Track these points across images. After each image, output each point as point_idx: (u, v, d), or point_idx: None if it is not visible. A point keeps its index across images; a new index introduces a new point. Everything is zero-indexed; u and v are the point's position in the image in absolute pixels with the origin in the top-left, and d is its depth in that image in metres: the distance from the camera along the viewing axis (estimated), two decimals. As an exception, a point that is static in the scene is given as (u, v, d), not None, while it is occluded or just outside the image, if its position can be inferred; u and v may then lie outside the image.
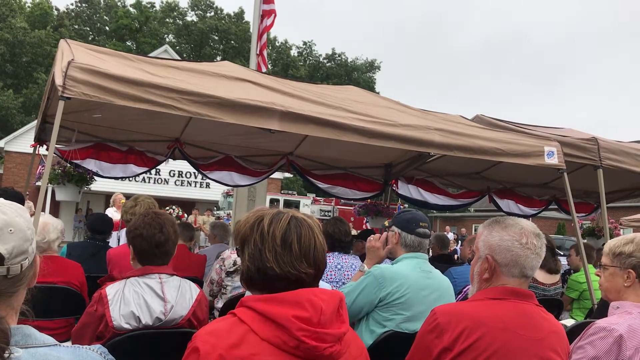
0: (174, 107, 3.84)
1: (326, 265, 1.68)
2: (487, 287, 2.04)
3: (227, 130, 5.65)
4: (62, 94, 3.57)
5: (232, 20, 56.81)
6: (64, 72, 3.61)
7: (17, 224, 1.23)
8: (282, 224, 1.60)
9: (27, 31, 43.16)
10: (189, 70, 4.68)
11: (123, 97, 3.72)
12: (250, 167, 6.78)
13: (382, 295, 2.82)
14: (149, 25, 53.14)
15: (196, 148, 6.48)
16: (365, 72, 61.65)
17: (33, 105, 40.96)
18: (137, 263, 2.52)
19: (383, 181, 7.32)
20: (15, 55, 42.40)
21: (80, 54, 4.06)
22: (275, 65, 57.12)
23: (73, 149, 5.76)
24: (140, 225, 2.51)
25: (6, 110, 38.50)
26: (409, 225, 3.06)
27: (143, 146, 6.28)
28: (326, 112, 4.40)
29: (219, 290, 3.91)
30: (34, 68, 43.48)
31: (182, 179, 28.17)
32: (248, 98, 4.12)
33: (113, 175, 6.14)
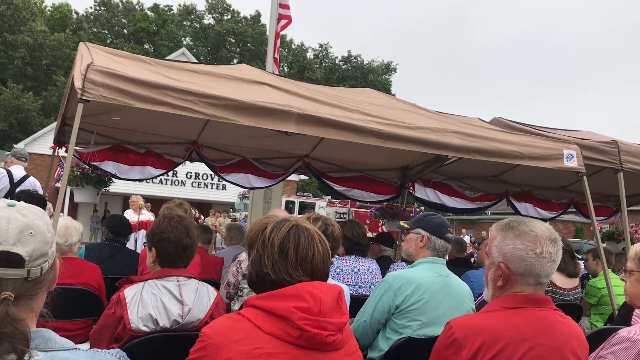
0: (191, 109, 3.86)
1: (327, 274, 1.70)
2: (501, 294, 1.98)
3: (244, 132, 5.66)
4: (82, 97, 3.60)
5: (248, 23, 57.05)
6: (83, 75, 3.65)
7: (37, 226, 1.24)
8: (282, 232, 1.66)
9: (47, 34, 43.69)
10: (207, 73, 4.70)
11: (141, 100, 3.75)
12: (267, 169, 6.79)
13: (398, 302, 2.80)
14: (167, 28, 53.56)
15: (213, 150, 6.51)
16: (382, 74, 61.55)
17: (52, 107, 41.44)
18: (157, 266, 2.52)
19: (399, 184, 7.29)
20: (35, 58, 42.94)
21: (99, 57, 4.10)
22: (291, 68, 57.28)
23: (92, 151, 5.81)
24: (167, 229, 2.52)
25: (26, 113, 39.00)
26: (440, 229, 3.04)
27: (161, 148, 6.32)
28: (343, 114, 4.39)
29: (236, 292, 3.90)
30: (53, 71, 43.98)
31: (198, 180, 28.33)
32: (265, 101, 4.12)
33: (131, 177, 6.18)
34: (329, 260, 1.70)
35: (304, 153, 6.71)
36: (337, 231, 3.12)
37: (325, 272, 1.68)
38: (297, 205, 26.23)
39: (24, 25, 42.85)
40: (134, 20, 53.03)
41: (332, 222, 3.14)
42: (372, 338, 2.89)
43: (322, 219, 3.14)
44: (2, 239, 1.19)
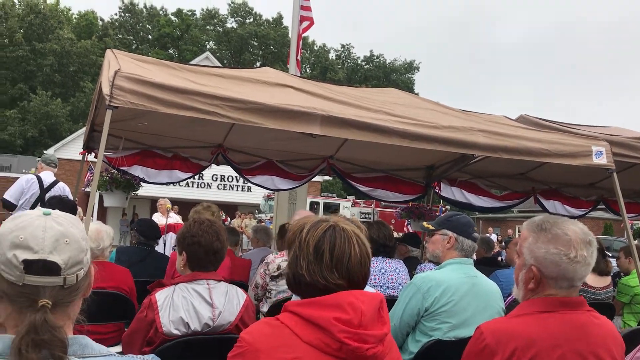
0: (217, 114, 3.90)
1: (365, 278, 1.65)
2: (533, 297, 1.93)
3: (269, 135, 5.70)
4: (110, 103, 3.67)
5: (270, 25, 57.32)
6: (110, 81, 3.71)
7: (72, 234, 1.27)
8: (318, 233, 1.63)
9: (74, 42, 44.49)
10: (231, 77, 4.74)
11: (168, 105, 3.80)
12: (292, 171, 6.82)
13: (427, 304, 2.78)
14: (190, 32, 54.11)
15: (239, 153, 6.56)
16: (404, 73, 61.28)
17: (80, 113, 42.18)
18: (187, 269, 2.56)
19: (425, 183, 7.25)
20: (63, 65, 43.76)
21: (126, 63, 4.16)
22: (313, 69, 57.37)
23: (120, 156, 5.90)
24: (198, 233, 2.55)
25: (55, 119, 39.76)
26: (467, 229, 3.02)
27: (187, 152, 6.39)
28: (367, 115, 4.39)
29: (264, 294, 3.94)
30: (80, 77, 44.78)
31: (224, 182, 28.56)
32: (289, 103, 4.14)
33: (159, 181, 6.26)
34: (368, 263, 1.64)
35: (329, 154, 6.72)
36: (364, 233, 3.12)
37: (363, 275, 1.62)
38: (322, 206, 26.25)
39: (52, 34, 43.70)
40: (158, 26, 53.69)
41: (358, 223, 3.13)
42: (402, 341, 2.88)
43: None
44: (39, 248, 1.21)
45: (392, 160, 6.85)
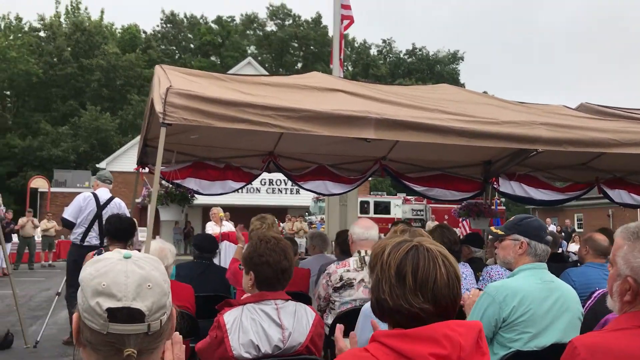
0: (270, 124, 3.85)
1: (455, 302, 1.52)
2: (630, 310, 1.76)
3: (320, 140, 5.61)
4: (163, 121, 3.66)
5: (310, 26, 57.42)
6: (163, 99, 3.70)
7: (154, 278, 1.21)
8: (399, 255, 1.51)
9: (119, 56, 45.60)
10: (280, 85, 4.69)
11: (221, 119, 3.77)
12: (344, 174, 6.73)
13: (505, 315, 2.63)
14: (231, 39, 54.73)
15: (290, 160, 6.52)
16: (448, 64, 60.34)
17: (129, 125, 43.21)
18: (254, 289, 2.49)
19: (482, 179, 7.03)
20: (110, 79, 44.90)
21: (176, 78, 4.15)
22: (355, 66, 57.16)
23: (173, 169, 5.94)
24: (266, 252, 2.47)
25: (105, 132, 40.80)
26: (540, 233, 2.86)
27: (239, 162, 6.39)
28: (422, 115, 4.26)
29: (327, 305, 3.85)
30: (127, 90, 45.85)
31: (273, 186, 28.73)
32: (342, 109, 4.05)
33: (212, 192, 6.27)
34: (457, 285, 1.51)
35: (381, 155, 6.59)
36: None
37: (452, 299, 1.49)
38: (372, 205, 26.04)
39: (98, 49, 44.91)
40: (199, 35, 54.51)
41: (422, 232, 3.00)
42: None
43: (409, 230, 3.01)
44: (122, 294, 1.16)
45: (447, 158, 6.67)
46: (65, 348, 6.46)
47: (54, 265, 19.95)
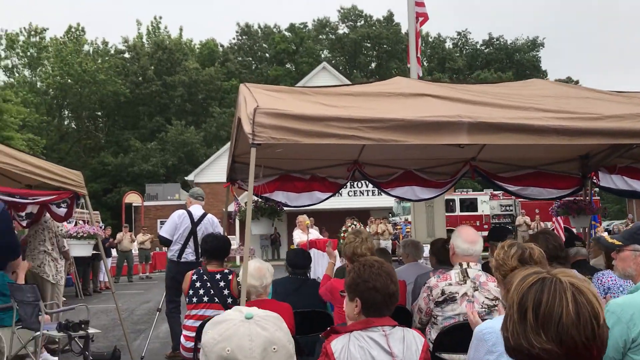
0: (357, 137, 3.77)
1: (591, 341, 1.32)
2: None
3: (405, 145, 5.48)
4: (253, 142, 3.67)
5: (382, 24, 57.03)
6: (251, 119, 3.71)
7: (279, 340, 1.15)
8: (523, 288, 1.37)
9: (199, 71, 47.19)
10: (364, 94, 4.59)
11: (308, 135, 3.73)
12: (432, 178, 6.54)
13: (634, 335, 2.40)
14: (304, 45, 55.27)
15: (375, 167, 6.41)
16: (528, 52, 58.04)
17: (212, 137, 44.59)
18: (361, 315, 2.40)
19: (581, 175, 6.62)
20: (192, 94, 46.54)
21: (261, 96, 4.14)
22: (430, 61, 56.21)
23: (261, 183, 5.99)
24: (372, 277, 2.38)
25: (191, 145, 42.33)
26: None
27: (324, 172, 6.35)
28: (517, 115, 4.03)
29: (429, 319, 3.72)
30: (209, 103, 47.36)
31: (354, 189, 28.65)
32: (431, 114, 3.91)
33: (300, 204, 6.28)
34: (592, 324, 1.31)
35: (470, 156, 6.34)
36: (538, 253, 2.77)
37: (584, 339, 1.29)
38: (458, 203, 25.40)
39: (179, 66, 46.67)
40: (274, 44, 55.44)
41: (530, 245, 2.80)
42: None
43: (516, 244, 2.82)
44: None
45: (542, 154, 6.31)
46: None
47: (151, 277, 20.85)
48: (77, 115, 48.17)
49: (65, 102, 46.26)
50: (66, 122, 49.72)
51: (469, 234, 3.64)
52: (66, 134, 47.55)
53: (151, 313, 11.05)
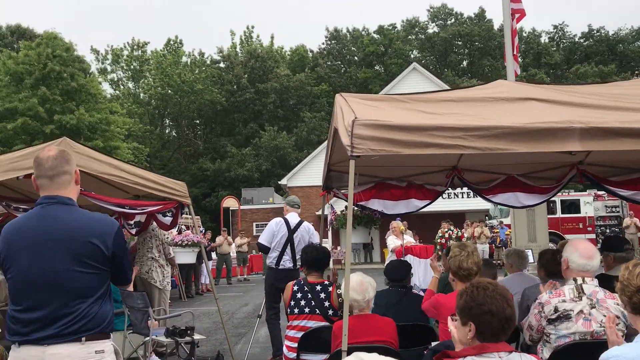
0: (461, 146, 3.65)
1: None
2: None
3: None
4: (352, 154, 3.64)
5: (473, 22, 55.57)
6: (349, 131, 3.68)
7: None
8: None
9: (290, 77, 48.12)
10: (465, 100, 4.44)
11: (409, 146, 3.65)
12: (536, 184, 6.23)
13: None
14: (394, 46, 54.90)
15: (475, 173, 6.20)
16: (633, 42, 54.37)
17: (303, 141, 45.27)
18: (475, 340, 2.29)
19: None
20: (284, 100, 47.53)
21: (358, 107, 4.11)
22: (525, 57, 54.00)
23: (357, 191, 5.96)
24: (486, 301, 2.27)
25: (283, 150, 43.22)
26: None
27: (421, 179, 6.23)
28: (634, 118, 3.73)
29: (540, 337, 3.53)
30: (299, 108, 48.14)
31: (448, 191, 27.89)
32: (540, 121, 3.71)
33: (397, 212, 6.19)
34: None
35: (577, 160, 5.98)
36: None
37: None
38: (559, 205, 24.17)
39: (271, 73, 47.82)
40: (362, 46, 55.46)
41: None
42: None
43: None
44: None
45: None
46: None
47: (249, 279, 21.43)
48: (177, 124, 50.54)
49: (166, 111, 48.68)
50: (167, 130, 52.31)
51: (586, 249, 3.40)
52: (167, 142, 50.01)
53: (250, 317, 11.35)
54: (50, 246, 2.51)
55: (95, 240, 2.54)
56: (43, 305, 2.47)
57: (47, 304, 2.47)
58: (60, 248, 2.51)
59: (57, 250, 2.50)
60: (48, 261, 2.49)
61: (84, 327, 2.47)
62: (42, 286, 2.48)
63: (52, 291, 2.47)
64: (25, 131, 28.33)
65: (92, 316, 2.50)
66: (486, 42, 53.78)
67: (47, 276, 2.48)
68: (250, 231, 31.52)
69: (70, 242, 2.52)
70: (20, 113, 28.04)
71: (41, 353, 2.41)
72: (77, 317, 2.47)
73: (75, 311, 2.47)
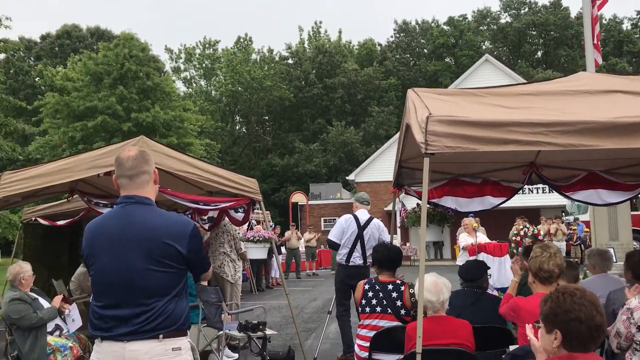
0: (542, 142, 3.48)
1: None
2: None
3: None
4: (426, 151, 3.55)
5: (548, 10, 53.42)
6: (423, 128, 3.59)
7: None
8: None
9: (358, 71, 47.88)
10: (545, 93, 4.25)
11: (487, 143, 3.52)
12: (620, 180, 5.89)
13: None
14: (464, 37, 53.61)
15: (554, 169, 5.93)
16: None
17: (371, 136, 44.99)
18: (561, 350, 2.18)
19: None
20: (351, 95, 47.38)
21: (432, 102, 4.00)
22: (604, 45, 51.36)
23: (429, 188, 5.83)
24: (574, 308, 2.15)
25: (351, 145, 43.11)
26: None
27: (497, 175, 6.03)
28: None
29: (629, 345, 3.33)
30: (367, 103, 47.85)
31: (522, 186, 27.08)
32: (627, 115, 3.49)
33: (471, 209, 6.04)
34: None
35: (667, 155, 5.62)
36: None
37: None
38: (635, 201, 22.83)
39: (339, 68, 47.77)
40: (432, 38, 54.48)
41: None
42: None
43: None
44: None
45: None
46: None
47: (317, 274, 21.57)
48: (247, 120, 51.46)
49: (237, 108, 49.64)
50: (237, 127, 53.35)
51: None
52: (238, 138, 50.99)
53: (319, 312, 11.40)
54: (128, 245, 2.57)
55: (171, 240, 2.58)
56: (121, 303, 2.53)
57: (125, 301, 2.53)
58: (137, 247, 2.56)
59: (134, 250, 2.56)
60: (126, 260, 2.56)
61: (161, 324, 2.52)
62: (120, 284, 2.55)
63: (130, 289, 2.54)
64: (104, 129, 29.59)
65: (169, 314, 2.54)
66: (562, 31, 51.60)
67: (124, 275, 2.55)
68: (318, 226, 31.71)
69: (147, 241, 2.57)
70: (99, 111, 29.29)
71: (121, 349, 2.48)
72: (154, 315, 2.52)
73: (152, 309, 2.52)
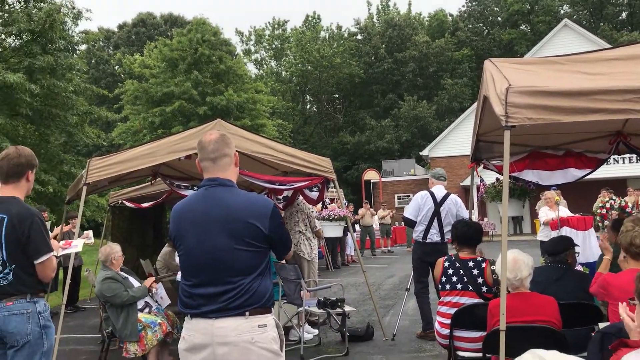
0: (632, 110, 3.28)
1: None
2: None
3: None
4: (507, 124, 3.44)
5: (633, -33, 50.04)
6: (503, 100, 3.47)
7: None
8: None
9: (429, 44, 46.81)
10: (631, 57, 3.99)
11: (571, 113, 3.37)
12: None
13: None
14: (540, 2, 51.16)
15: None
16: None
17: (444, 110, 44.07)
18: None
19: None
20: (423, 68, 46.45)
21: (511, 72, 3.86)
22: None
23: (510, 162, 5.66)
24: None
25: (423, 120, 42.38)
26: None
27: (580, 146, 5.76)
28: None
29: None
30: (440, 75, 46.76)
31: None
32: None
33: (553, 182, 5.80)
34: None
35: None
36: None
37: None
38: None
39: (409, 41, 46.88)
40: (506, 6, 52.33)
41: None
42: None
43: None
44: None
45: None
46: (420, 342, 6.76)
47: (392, 251, 21.53)
48: (318, 99, 51.59)
49: (307, 87, 49.85)
50: (308, 106, 53.64)
51: None
52: (309, 118, 51.29)
53: (396, 289, 11.40)
54: (213, 226, 2.65)
55: (254, 220, 2.64)
56: (208, 282, 2.63)
57: (211, 280, 2.62)
58: (222, 228, 2.64)
59: (219, 230, 2.64)
60: (211, 240, 2.64)
61: (247, 302, 2.60)
62: (207, 264, 2.64)
63: (216, 269, 2.63)
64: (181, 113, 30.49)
65: (254, 292, 2.62)
66: (650, -11, 48.31)
67: (210, 255, 2.64)
68: (392, 203, 31.54)
69: (231, 222, 2.64)
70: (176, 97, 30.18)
71: (210, 326, 2.58)
72: (239, 292, 2.60)
73: (238, 287, 2.60)
